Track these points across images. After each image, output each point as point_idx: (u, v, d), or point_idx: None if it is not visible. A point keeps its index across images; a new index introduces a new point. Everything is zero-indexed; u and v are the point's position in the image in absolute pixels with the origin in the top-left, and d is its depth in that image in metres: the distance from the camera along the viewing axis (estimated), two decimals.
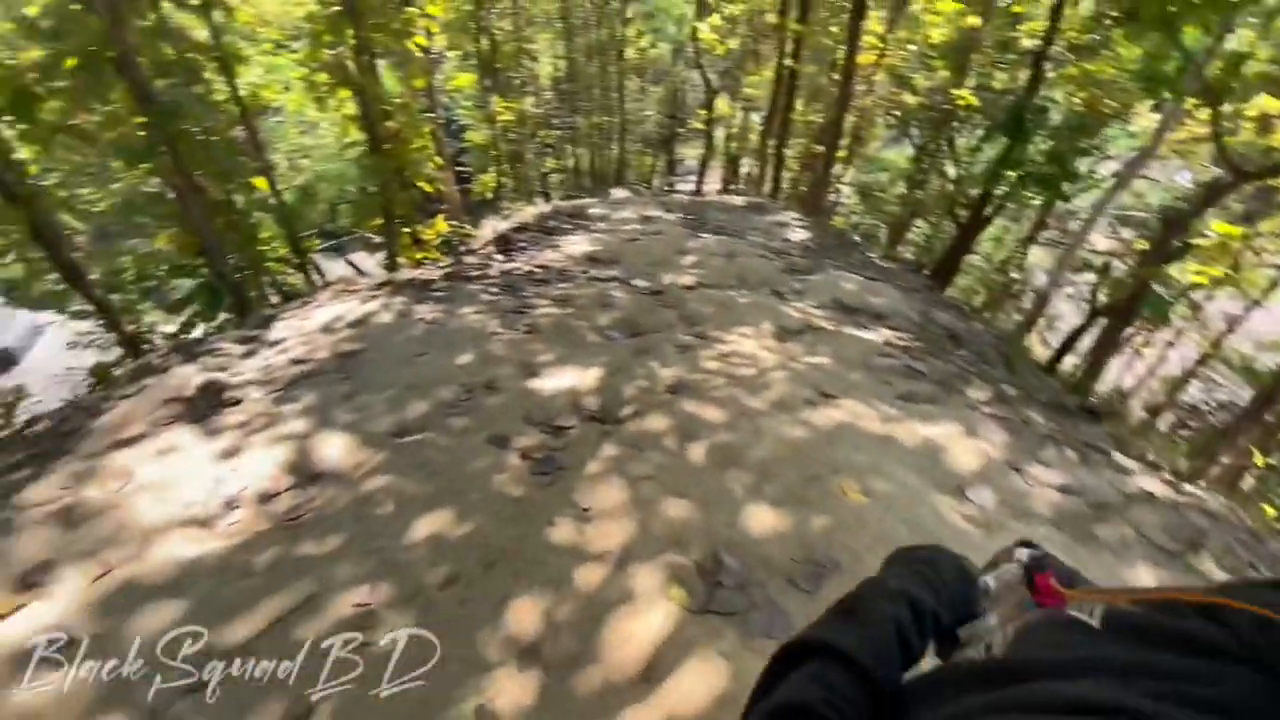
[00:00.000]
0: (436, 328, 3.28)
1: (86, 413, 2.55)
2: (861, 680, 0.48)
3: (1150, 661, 0.35)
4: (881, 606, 0.56)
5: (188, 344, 3.26)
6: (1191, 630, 0.35)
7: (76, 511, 1.79)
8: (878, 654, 0.51)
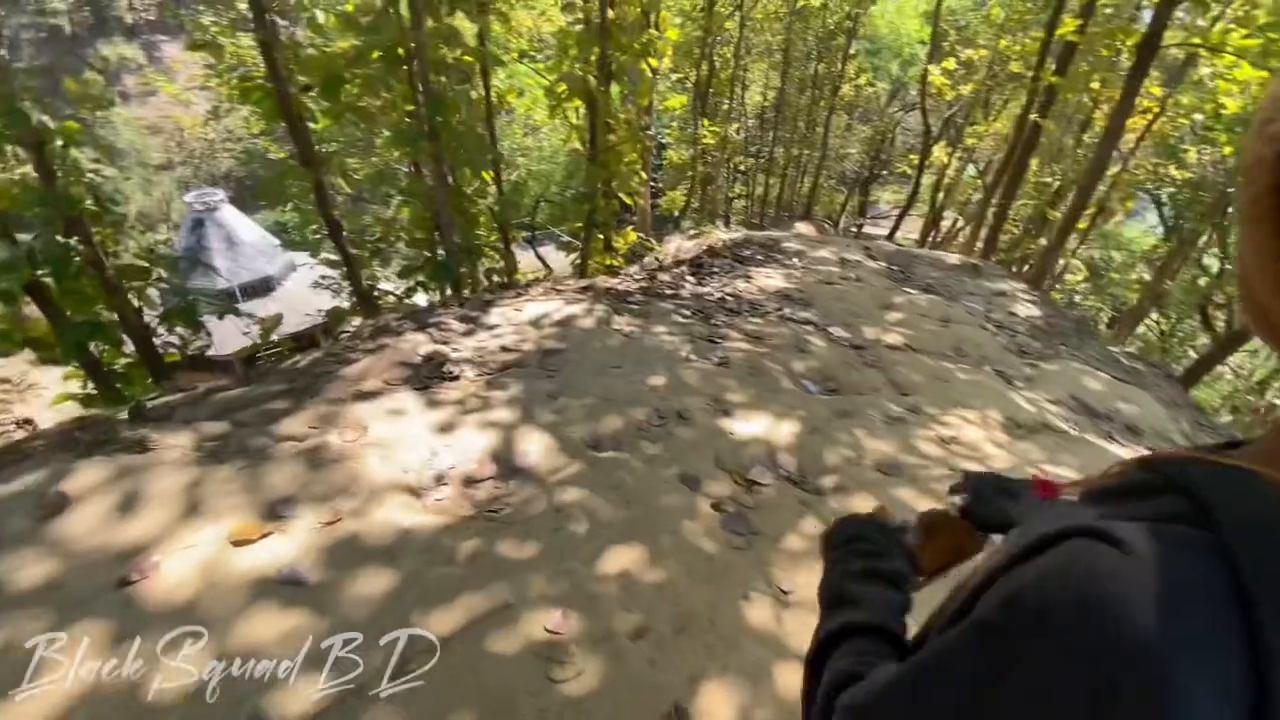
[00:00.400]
0: (632, 342, 3.29)
1: (335, 359, 2.87)
2: (880, 634, 0.57)
3: (1103, 503, 0.42)
4: (856, 586, 0.63)
5: (419, 313, 3.58)
6: (1135, 479, 0.42)
7: (319, 454, 1.97)
8: (881, 612, 0.59)
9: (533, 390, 2.60)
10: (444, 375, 2.77)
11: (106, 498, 1.69)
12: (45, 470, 1.78)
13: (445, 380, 2.74)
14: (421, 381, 2.69)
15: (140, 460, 1.85)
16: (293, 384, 2.62)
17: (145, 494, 1.72)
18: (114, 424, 2.23)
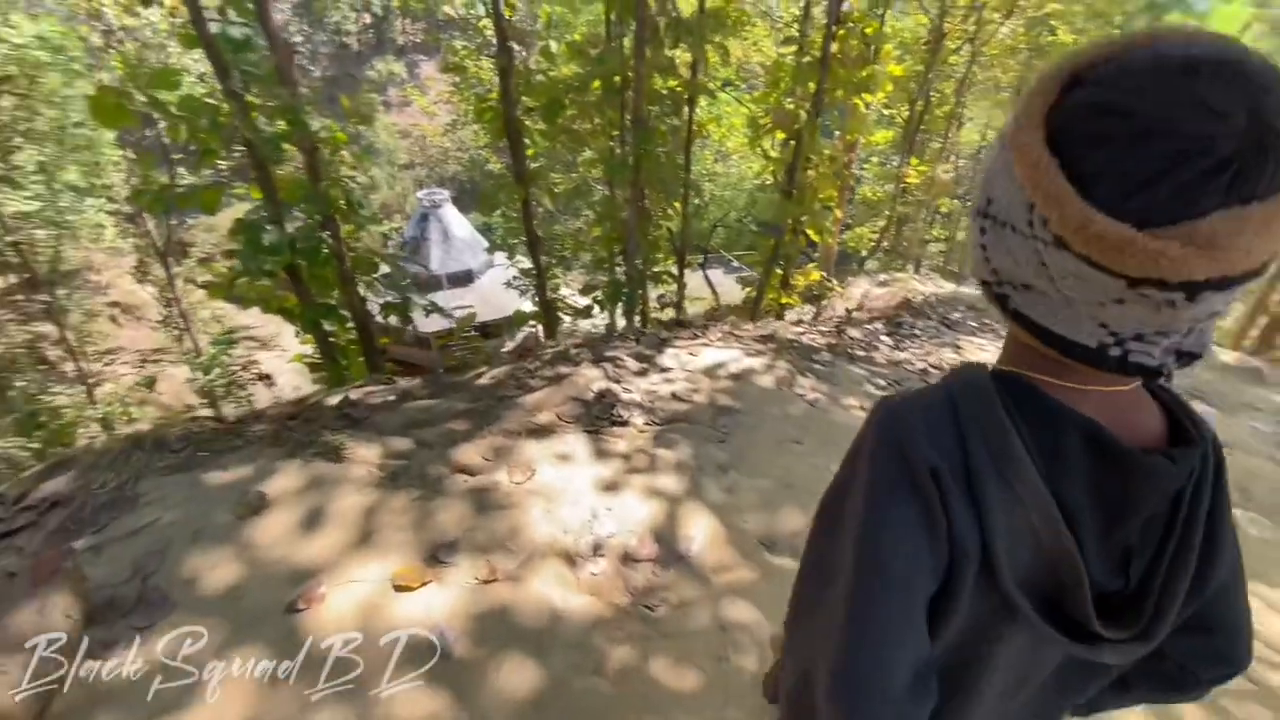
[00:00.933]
0: (817, 413, 2.93)
1: (516, 384, 2.88)
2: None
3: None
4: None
5: (597, 343, 3.54)
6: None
7: (487, 496, 1.91)
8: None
9: (703, 456, 2.36)
10: (613, 418, 2.64)
11: (296, 508, 1.74)
12: (253, 466, 1.90)
13: (614, 424, 2.61)
14: (591, 422, 2.59)
15: (332, 471, 1.91)
16: (475, 404, 2.66)
17: (329, 510, 1.75)
18: (319, 424, 2.39)
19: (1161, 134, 0.38)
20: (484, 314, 24.19)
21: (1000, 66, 16.96)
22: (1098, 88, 0.40)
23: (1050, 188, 0.41)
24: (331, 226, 4.32)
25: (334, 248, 4.35)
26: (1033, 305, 0.48)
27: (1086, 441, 0.49)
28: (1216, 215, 0.37)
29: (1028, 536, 0.50)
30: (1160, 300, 0.40)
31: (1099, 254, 0.40)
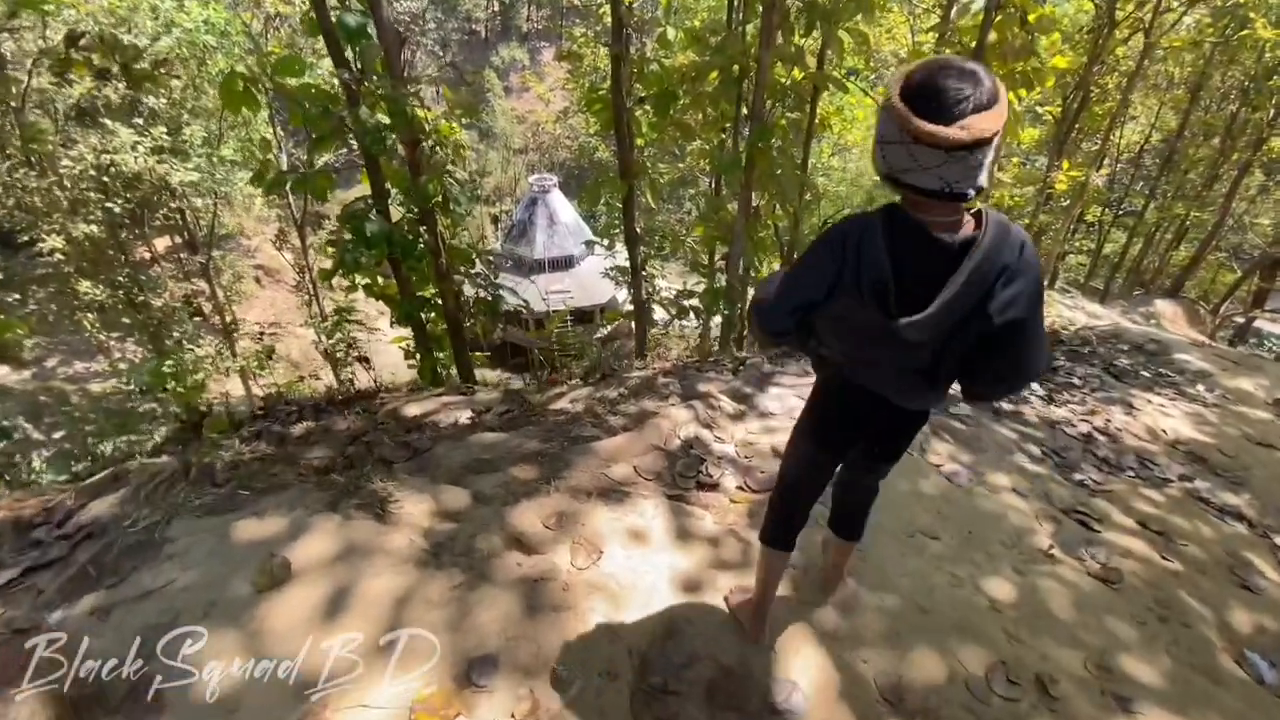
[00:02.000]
0: (958, 493, 2.35)
1: (595, 421, 2.52)
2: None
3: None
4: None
5: (688, 374, 3.11)
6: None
7: (541, 590, 1.55)
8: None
9: (812, 548, 1.89)
10: (701, 478, 2.22)
11: (321, 584, 1.47)
12: (289, 518, 1.65)
13: (701, 486, 2.19)
14: (675, 481, 2.18)
15: (371, 536, 1.62)
16: (546, 444, 2.32)
17: (356, 593, 1.46)
18: (378, 454, 2.14)
19: (943, 94, 0.92)
20: (581, 299, 24.46)
21: (1175, 60, 14.61)
22: (917, 78, 0.95)
23: (908, 118, 0.93)
24: (429, 221, 4.16)
25: (429, 243, 4.20)
26: (907, 176, 0.99)
27: (920, 232, 1.04)
28: (970, 117, 0.90)
29: (873, 270, 1.04)
30: (960, 157, 0.93)
31: (931, 140, 0.91)
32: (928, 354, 1.10)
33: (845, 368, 1.22)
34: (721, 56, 4.62)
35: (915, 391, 1.20)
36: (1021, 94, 6.44)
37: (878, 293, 1.04)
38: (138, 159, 13.76)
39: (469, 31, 35.40)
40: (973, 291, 1.00)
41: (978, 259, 0.99)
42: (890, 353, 1.13)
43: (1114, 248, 20.63)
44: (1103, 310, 13.28)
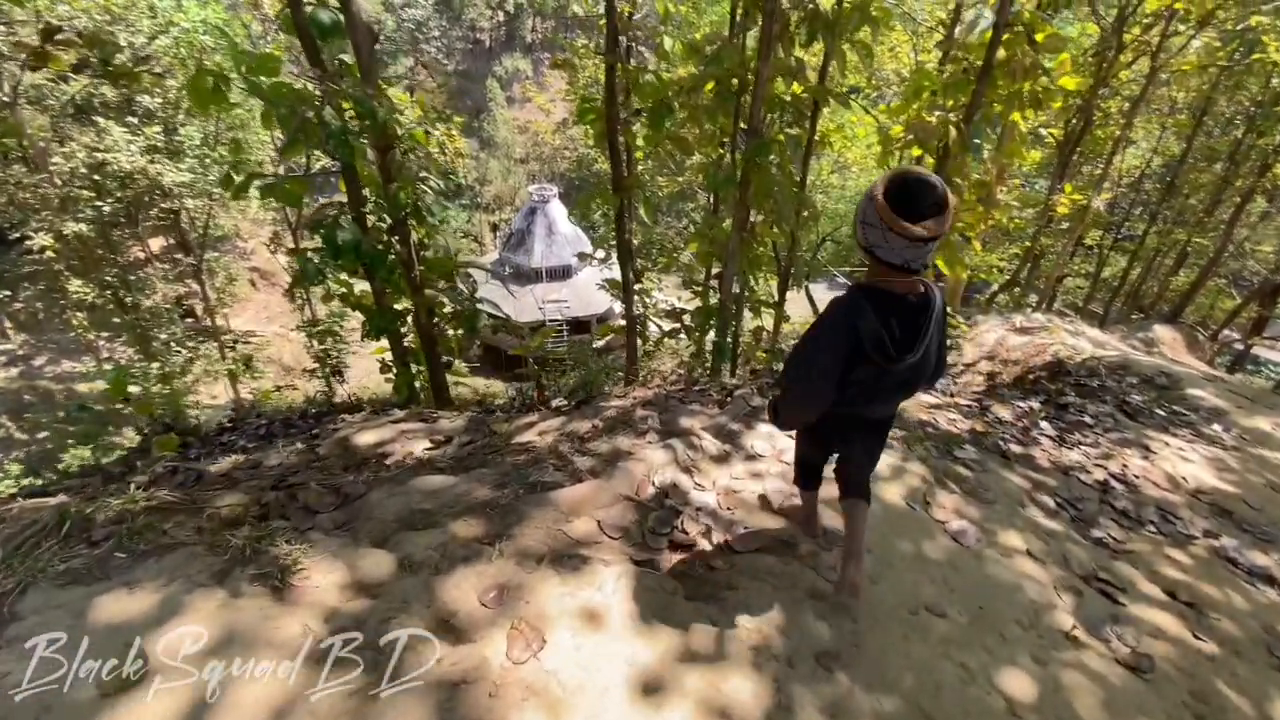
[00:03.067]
0: (966, 557, 2.06)
1: (559, 464, 2.22)
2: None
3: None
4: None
5: (670, 405, 2.82)
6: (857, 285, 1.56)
7: (463, 696, 1.25)
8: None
9: (799, 633, 1.59)
10: (675, 536, 1.93)
11: (181, 694, 1.17)
12: (165, 591, 1.36)
13: (675, 546, 1.90)
14: (644, 540, 1.88)
15: (259, 621, 1.32)
16: (499, 490, 2.03)
17: (224, 703, 1.16)
18: (301, 503, 1.84)
19: (914, 200, 1.30)
20: (577, 309, 24.19)
21: (1180, 85, 14.49)
22: (896, 184, 1.31)
23: (887, 213, 1.30)
24: (401, 231, 3.90)
25: (400, 254, 3.93)
26: (879, 250, 1.37)
27: (895, 298, 1.43)
28: (929, 221, 1.29)
29: (872, 333, 1.40)
30: (920, 245, 1.32)
31: (902, 232, 1.29)
32: (909, 376, 1.52)
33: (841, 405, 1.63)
34: (718, 67, 4.37)
35: (894, 404, 1.76)
36: (1028, 115, 6.22)
37: (879, 347, 1.43)
38: (130, 158, 13.52)
39: (473, 40, 35.39)
40: (936, 332, 1.48)
41: (938, 312, 1.47)
42: (888, 383, 1.54)
43: (1113, 271, 20.47)
44: (1103, 336, 13.01)
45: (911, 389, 1.64)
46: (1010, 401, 3.86)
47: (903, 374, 1.47)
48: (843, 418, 1.65)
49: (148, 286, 15.16)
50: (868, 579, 1.85)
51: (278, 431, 5.48)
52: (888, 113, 7.60)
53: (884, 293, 1.43)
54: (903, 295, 1.43)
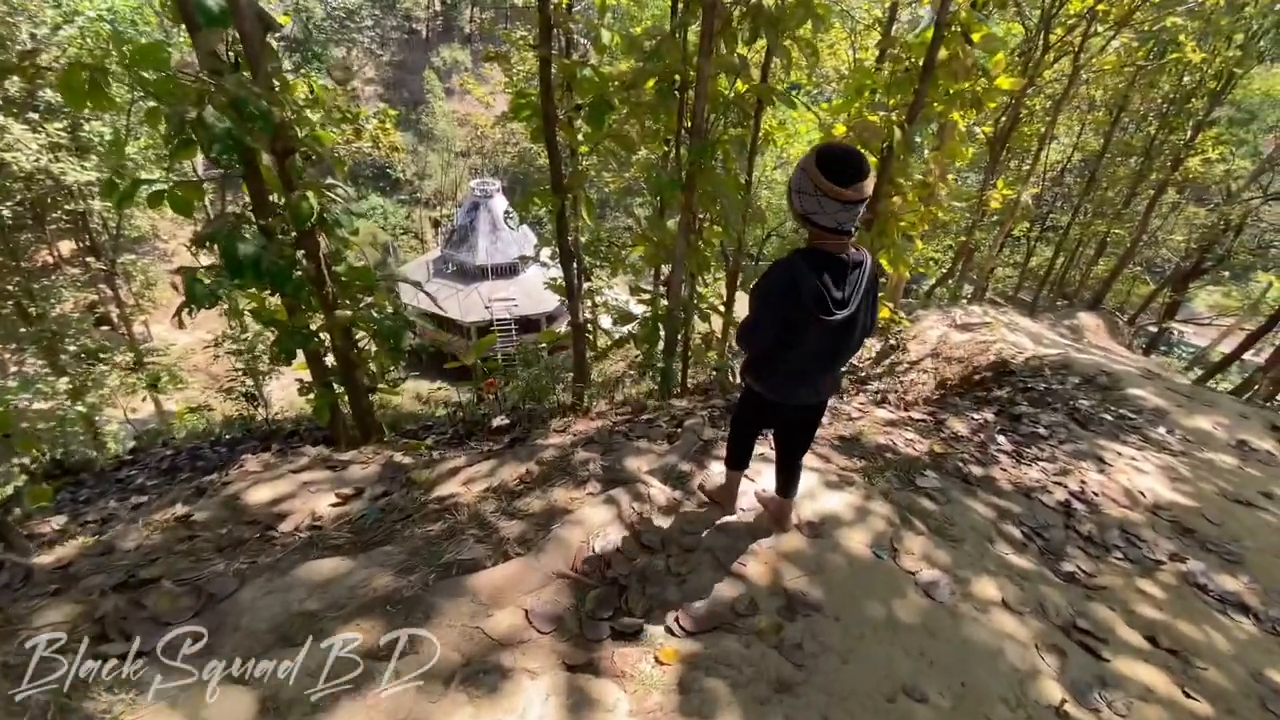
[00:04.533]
0: (941, 615, 1.84)
1: (480, 531, 1.87)
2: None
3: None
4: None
5: (614, 443, 2.50)
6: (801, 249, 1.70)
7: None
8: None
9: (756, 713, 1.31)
10: (619, 623, 1.62)
11: None
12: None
13: (617, 637, 1.59)
14: (579, 637, 1.57)
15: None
16: (408, 574, 1.67)
17: None
18: (95, 676, 1.44)
19: (843, 167, 1.46)
20: (526, 307, 23.50)
21: (1098, 84, 15.10)
22: (825, 154, 1.50)
23: (820, 179, 1.46)
24: (309, 245, 3.43)
25: (308, 270, 3.46)
26: (815, 217, 1.53)
27: (831, 258, 1.58)
28: (857, 183, 1.48)
29: (812, 291, 1.55)
30: (851, 206, 1.49)
31: (835, 196, 1.46)
32: (843, 330, 1.65)
33: (771, 386, 1.84)
34: (658, 64, 4.06)
35: (826, 377, 1.83)
36: (968, 115, 6.15)
37: (818, 301, 1.56)
38: (31, 157, 12.18)
39: (409, 30, 33.79)
40: (867, 290, 1.64)
41: (869, 272, 1.63)
42: (823, 343, 1.68)
43: (1038, 261, 21.34)
44: (1035, 326, 13.41)
45: (847, 343, 1.71)
46: (964, 414, 3.72)
47: (837, 327, 1.61)
48: (782, 379, 1.79)
49: (54, 294, 13.76)
50: (837, 658, 1.60)
51: (183, 464, 4.89)
52: (829, 110, 7.47)
53: (821, 253, 1.58)
54: (836, 254, 1.57)
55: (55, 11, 12.15)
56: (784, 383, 1.79)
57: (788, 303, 1.57)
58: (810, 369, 1.75)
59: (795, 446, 1.99)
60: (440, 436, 5.09)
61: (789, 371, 1.76)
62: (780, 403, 1.83)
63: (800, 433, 1.96)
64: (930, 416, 3.60)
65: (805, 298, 1.54)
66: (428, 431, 5.60)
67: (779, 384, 1.81)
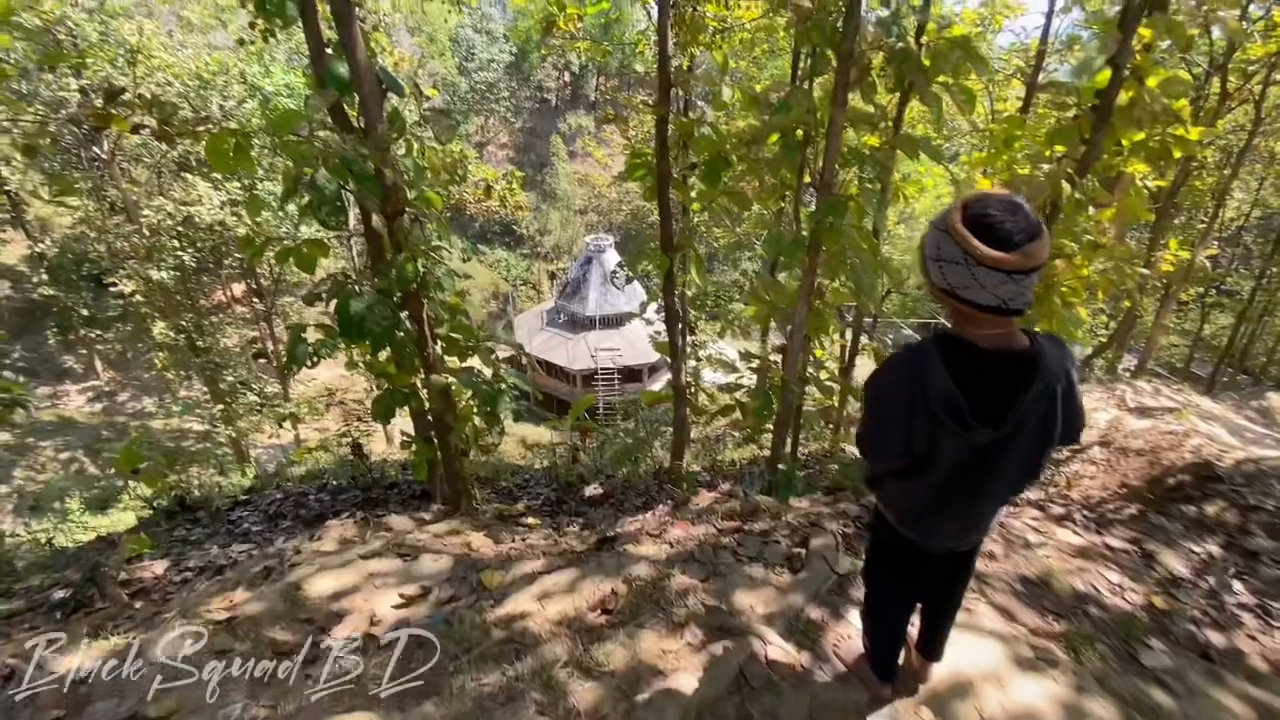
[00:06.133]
0: None
1: (546, 701, 1.45)
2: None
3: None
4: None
5: (721, 564, 2.00)
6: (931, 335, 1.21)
7: None
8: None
9: None
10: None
11: None
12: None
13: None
14: None
15: None
16: None
17: None
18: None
19: (1002, 225, 1.02)
20: (630, 357, 23.60)
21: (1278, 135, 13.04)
22: (977, 208, 1.05)
23: (972, 243, 1.02)
24: (413, 306, 3.33)
25: (410, 332, 3.35)
26: (966, 292, 1.07)
27: (978, 352, 1.12)
28: (1027, 246, 1.01)
29: (944, 395, 1.11)
30: (1018, 279, 1.03)
31: (995, 264, 1.01)
32: (1002, 461, 1.19)
33: (902, 516, 1.37)
34: (783, 117, 3.69)
35: (979, 517, 1.33)
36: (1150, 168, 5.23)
37: (950, 408, 1.13)
38: (212, 210, 14.11)
39: (540, 100, 36.61)
40: (1042, 395, 1.14)
41: (1048, 368, 1.13)
42: (969, 469, 1.21)
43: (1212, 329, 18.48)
44: (1224, 410, 11.29)
45: (1008, 472, 1.21)
46: (1177, 543, 2.84)
47: (989, 449, 1.16)
48: (915, 511, 1.33)
49: (220, 330, 15.62)
50: None
51: (287, 510, 4.97)
52: (971, 163, 6.73)
53: (964, 343, 1.15)
54: (990, 349, 1.14)
55: (241, 87, 14.14)
56: (917, 516, 1.34)
57: (911, 410, 1.16)
58: (952, 501, 1.26)
59: (943, 602, 1.51)
60: (533, 502, 4.81)
61: (923, 502, 1.29)
62: (918, 543, 1.36)
63: (946, 585, 1.48)
64: (1134, 545, 2.76)
65: (934, 404, 1.13)
66: (522, 490, 5.36)
67: (910, 517, 1.35)
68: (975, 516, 1.31)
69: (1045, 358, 1.13)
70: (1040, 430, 1.17)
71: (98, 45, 11.90)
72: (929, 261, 1.12)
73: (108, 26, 12.06)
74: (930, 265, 1.12)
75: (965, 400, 1.11)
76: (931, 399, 1.12)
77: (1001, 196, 1.07)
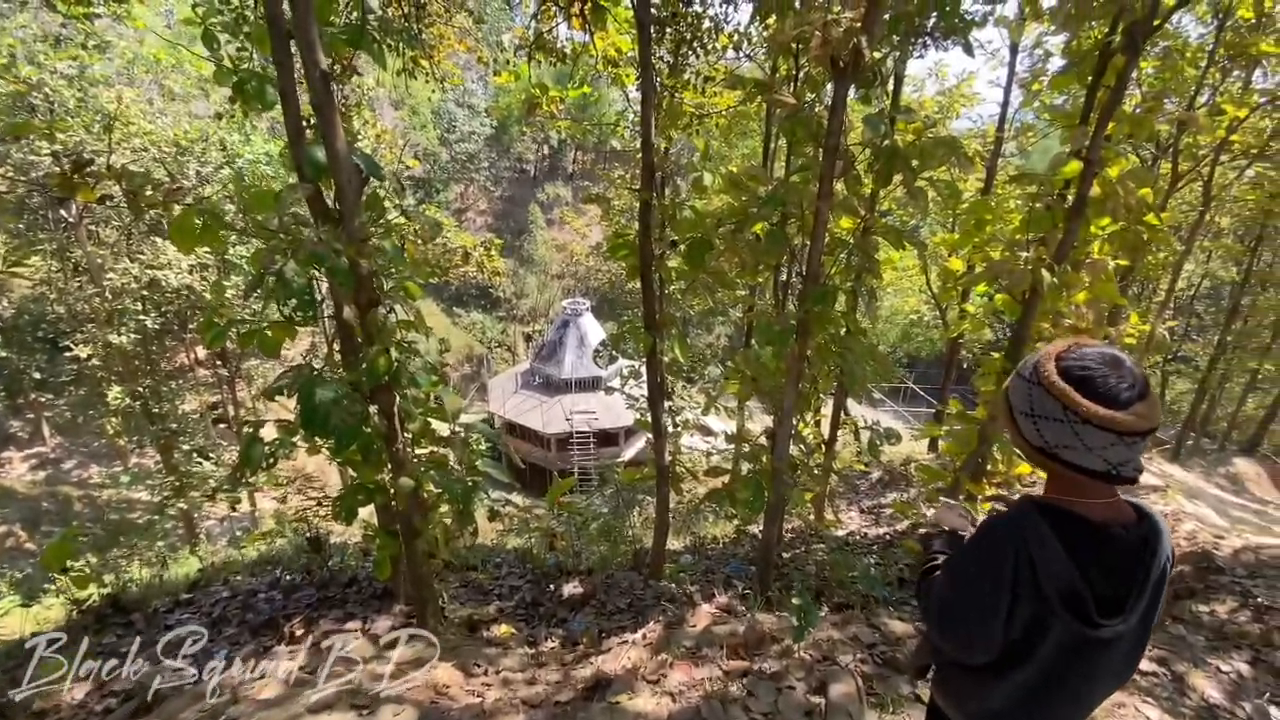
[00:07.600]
0: None
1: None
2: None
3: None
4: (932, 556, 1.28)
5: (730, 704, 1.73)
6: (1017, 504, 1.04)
7: None
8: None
9: None
10: None
11: None
12: None
13: None
14: None
15: None
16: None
17: None
18: None
19: (1107, 381, 0.90)
20: (605, 420, 23.21)
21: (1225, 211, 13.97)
22: (1073, 361, 0.94)
23: (1073, 398, 0.90)
24: (383, 400, 3.08)
25: (377, 427, 3.09)
26: (1069, 455, 0.93)
27: (1091, 527, 0.95)
28: (1138, 405, 0.88)
29: (1060, 579, 0.92)
30: (1130, 442, 0.89)
31: (1104, 424, 0.88)
32: (1111, 659, 0.98)
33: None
34: (772, 208, 3.67)
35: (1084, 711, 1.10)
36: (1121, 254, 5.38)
37: (1069, 599, 0.93)
38: (179, 275, 13.75)
39: (519, 170, 37.60)
40: (1159, 586, 0.98)
41: (1165, 548, 0.98)
42: (1070, 670, 0.98)
43: (1173, 394, 19.05)
44: (1194, 479, 11.37)
45: (1113, 672, 1.02)
46: (1203, 661, 2.64)
47: (1100, 646, 0.95)
48: (986, 713, 1.07)
49: (178, 396, 14.90)
50: None
51: (233, 615, 4.47)
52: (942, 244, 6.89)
53: (1074, 517, 0.97)
54: (1102, 523, 0.97)
55: (219, 154, 14.12)
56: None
57: (1017, 595, 0.95)
58: (1049, 705, 1.03)
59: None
60: (506, 603, 4.43)
61: (1007, 707, 1.05)
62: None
63: None
64: (1162, 666, 2.55)
65: (1048, 588, 0.93)
66: (495, 583, 4.97)
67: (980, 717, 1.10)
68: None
69: (1162, 533, 0.98)
70: (1146, 616, 0.99)
71: (75, 112, 11.79)
72: (1019, 415, 0.99)
73: (86, 93, 11.99)
74: (1022, 420, 0.99)
75: (1088, 588, 0.93)
76: (1044, 585, 0.94)
77: (1099, 347, 0.95)
